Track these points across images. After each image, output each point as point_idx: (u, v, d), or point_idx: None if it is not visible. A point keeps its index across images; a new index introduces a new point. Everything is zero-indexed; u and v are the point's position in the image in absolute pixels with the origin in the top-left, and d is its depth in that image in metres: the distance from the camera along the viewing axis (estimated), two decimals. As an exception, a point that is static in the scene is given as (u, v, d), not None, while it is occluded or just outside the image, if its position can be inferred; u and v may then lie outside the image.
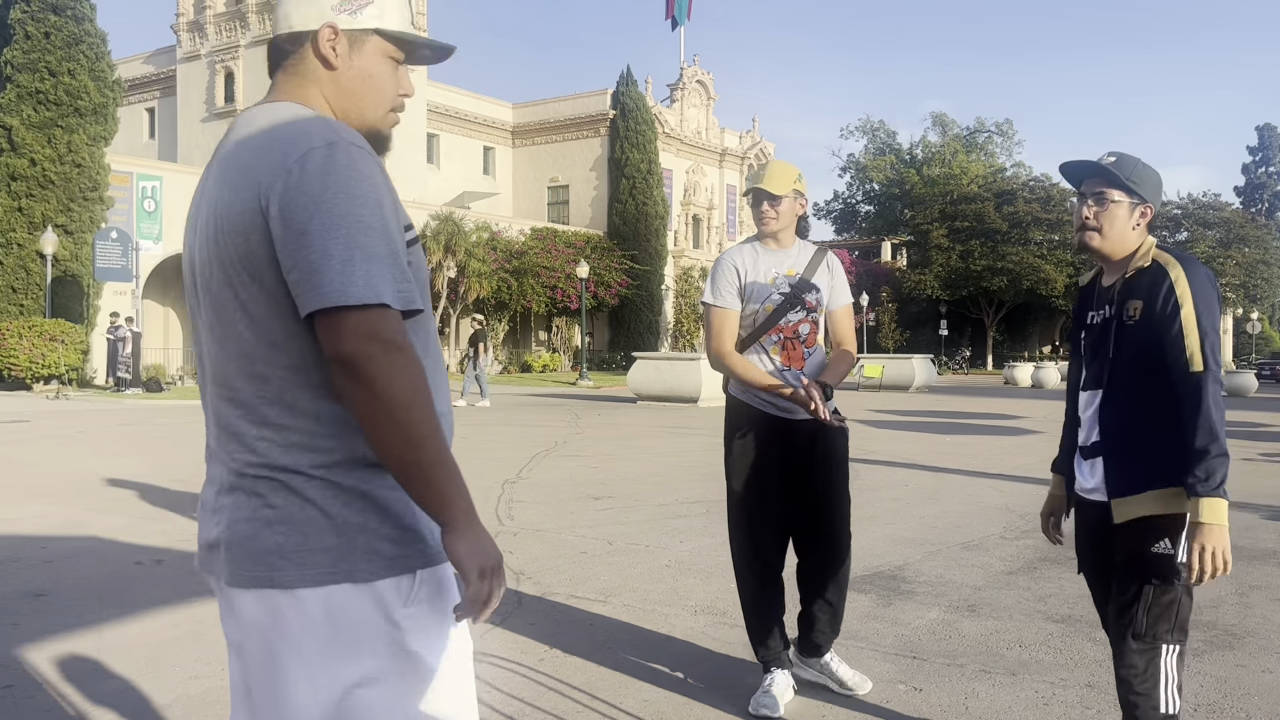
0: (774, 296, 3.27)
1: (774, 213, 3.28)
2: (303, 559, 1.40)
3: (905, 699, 3.39)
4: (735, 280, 3.29)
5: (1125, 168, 2.33)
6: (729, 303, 3.29)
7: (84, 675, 3.54)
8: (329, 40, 1.49)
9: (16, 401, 19.31)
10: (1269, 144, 69.47)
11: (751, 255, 3.34)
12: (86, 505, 7.16)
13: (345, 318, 1.32)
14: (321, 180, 1.35)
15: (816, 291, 3.32)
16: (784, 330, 3.27)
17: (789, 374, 3.23)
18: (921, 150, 66.61)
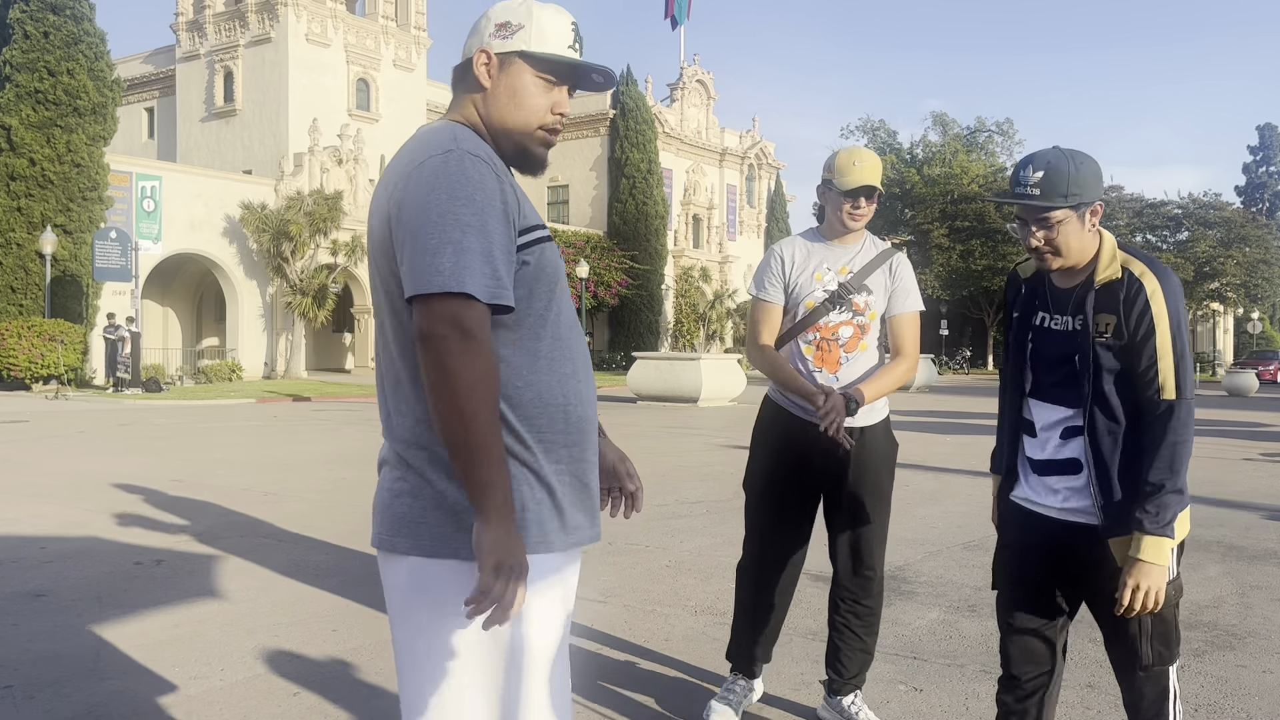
0: (817, 294, 3.03)
1: (868, 210, 3.03)
2: (417, 531, 1.58)
3: (905, 699, 3.39)
4: (781, 273, 3.06)
5: (1059, 182, 2.06)
6: (771, 296, 3.07)
7: (84, 675, 3.53)
8: (482, 63, 1.68)
9: (16, 401, 19.31)
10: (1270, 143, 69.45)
11: (804, 248, 3.10)
12: (86, 505, 7.15)
13: (430, 302, 1.48)
14: (430, 183, 1.53)
15: (869, 294, 3.04)
16: (822, 330, 3.02)
17: (820, 375, 3.01)
18: (922, 150, 66.59)
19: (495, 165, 1.59)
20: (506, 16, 1.69)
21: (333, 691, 3.40)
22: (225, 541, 5.92)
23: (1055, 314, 2.21)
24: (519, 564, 1.51)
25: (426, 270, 1.49)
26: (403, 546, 1.59)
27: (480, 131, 1.69)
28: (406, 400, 1.61)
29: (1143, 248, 54.34)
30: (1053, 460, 2.21)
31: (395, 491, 1.62)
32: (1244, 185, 70.53)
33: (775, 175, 51.98)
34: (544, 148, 1.73)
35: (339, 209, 30.25)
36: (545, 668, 1.63)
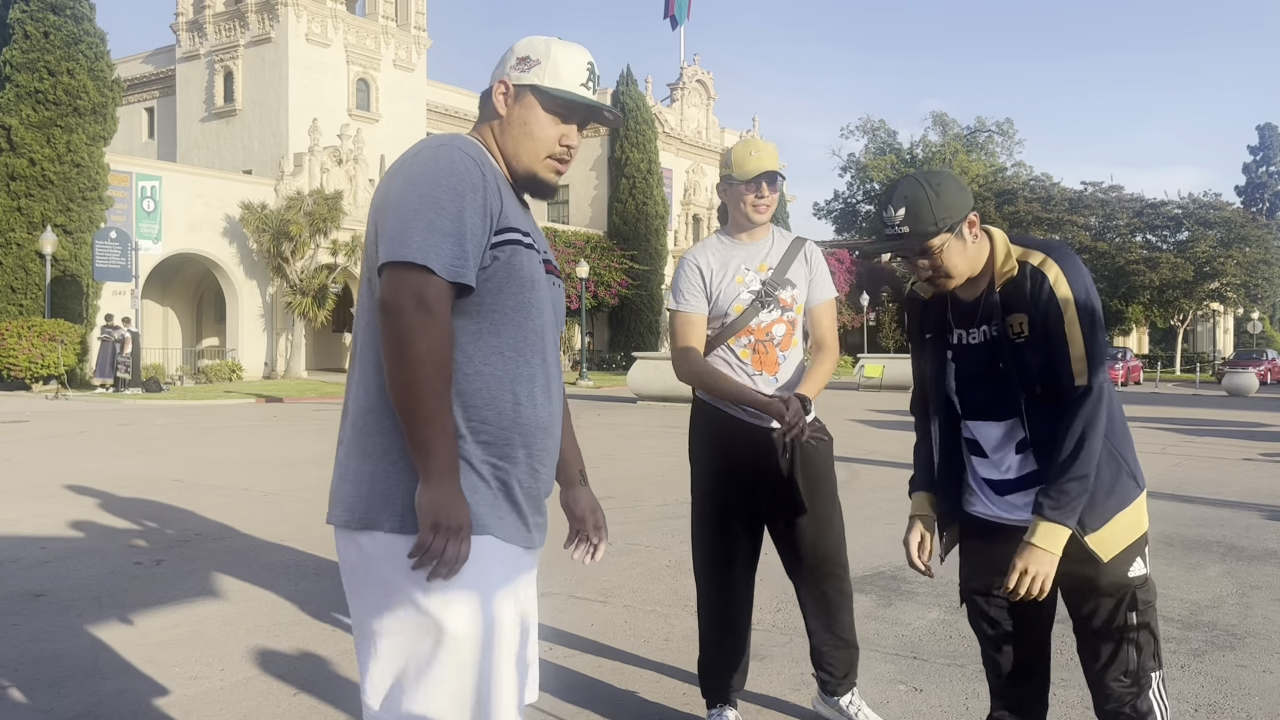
0: (743, 295, 2.93)
1: (773, 199, 2.93)
2: (363, 506, 1.68)
3: (905, 699, 3.39)
4: (701, 281, 2.95)
5: (923, 213, 1.99)
6: (693, 307, 2.94)
7: (84, 675, 3.53)
8: (500, 93, 1.81)
9: (16, 401, 19.31)
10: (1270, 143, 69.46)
11: (718, 251, 2.99)
12: (86, 505, 7.15)
13: (394, 271, 1.60)
14: (419, 168, 1.65)
15: (793, 288, 2.97)
16: (755, 332, 2.93)
17: (761, 379, 2.93)
18: (922, 150, 66.62)
19: (485, 166, 1.70)
20: (528, 51, 1.81)
21: (332, 691, 3.40)
22: (225, 541, 5.92)
23: (970, 327, 2.14)
24: (456, 524, 1.59)
25: (396, 242, 1.60)
26: (336, 518, 1.70)
27: (493, 152, 1.81)
28: (366, 378, 1.71)
29: (1142, 248, 54.29)
30: (1018, 478, 2.14)
31: (344, 468, 1.72)
32: (1244, 185, 70.52)
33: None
34: (553, 174, 1.85)
35: (339, 209, 30.24)
36: (467, 654, 1.63)
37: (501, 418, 1.69)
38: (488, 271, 1.69)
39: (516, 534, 1.73)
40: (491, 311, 1.70)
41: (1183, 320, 55.98)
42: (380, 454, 1.67)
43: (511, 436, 1.70)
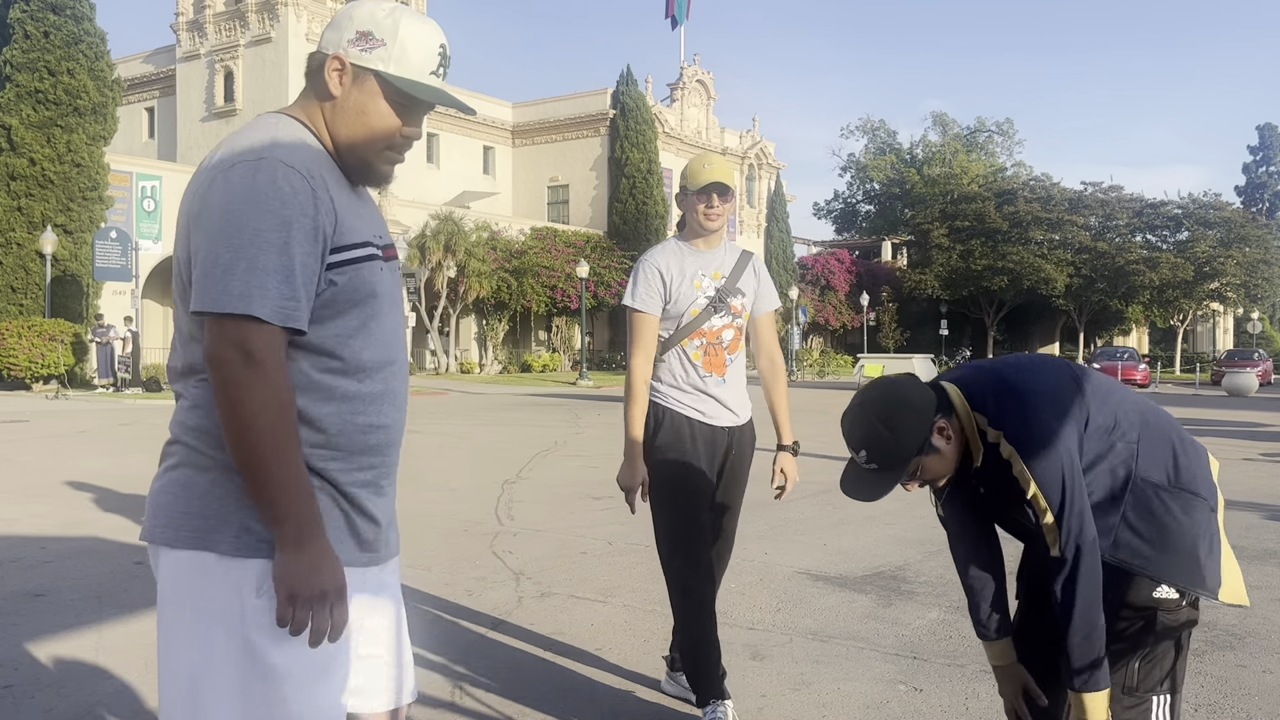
0: (699, 300, 3.08)
1: (723, 209, 3.07)
2: (177, 521, 1.54)
3: (905, 699, 3.39)
4: (659, 283, 3.07)
5: (885, 453, 1.99)
6: (651, 308, 3.07)
7: (84, 675, 3.54)
8: (334, 69, 1.58)
9: (16, 401, 19.31)
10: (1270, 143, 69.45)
11: (677, 256, 3.12)
12: (86, 505, 7.16)
13: (216, 322, 1.43)
14: (234, 193, 1.44)
15: (742, 296, 3.16)
16: (707, 335, 3.10)
17: (710, 380, 3.10)
18: (922, 150, 66.62)
19: (313, 178, 1.50)
20: (370, 25, 1.57)
21: (333, 691, 3.40)
22: (225, 541, 5.92)
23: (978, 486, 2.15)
24: (318, 591, 1.46)
25: (215, 288, 1.42)
26: (160, 537, 1.56)
27: (322, 135, 1.60)
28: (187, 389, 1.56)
29: (1142, 247, 54.16)
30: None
31: (162, 481, 1.59)
32: (1244, 185, 70.50)
33: (775, 175, 51.96)
34: (389, 166, 1.64)
35: (339, 209, 30.22)
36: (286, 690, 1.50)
37: (353, 443, 1.56)
38: (326, 298, 1.52)
39: (352, 557, 1.58)
40: (333, 336, 1.54)
41: (1183, 320, 55.97)
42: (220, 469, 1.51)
43: (360, 459, 1.58)
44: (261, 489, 1.44)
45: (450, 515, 6.90)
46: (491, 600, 4.61)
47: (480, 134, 44.03)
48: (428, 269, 32.71)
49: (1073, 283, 51.09)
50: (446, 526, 6.46)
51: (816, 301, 51.49)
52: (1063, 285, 50.65)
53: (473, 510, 7.11)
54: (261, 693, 1.50)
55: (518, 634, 4.08)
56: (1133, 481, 2.02)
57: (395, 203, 33.24)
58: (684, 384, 3.10)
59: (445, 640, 3.95)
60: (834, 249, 59.24)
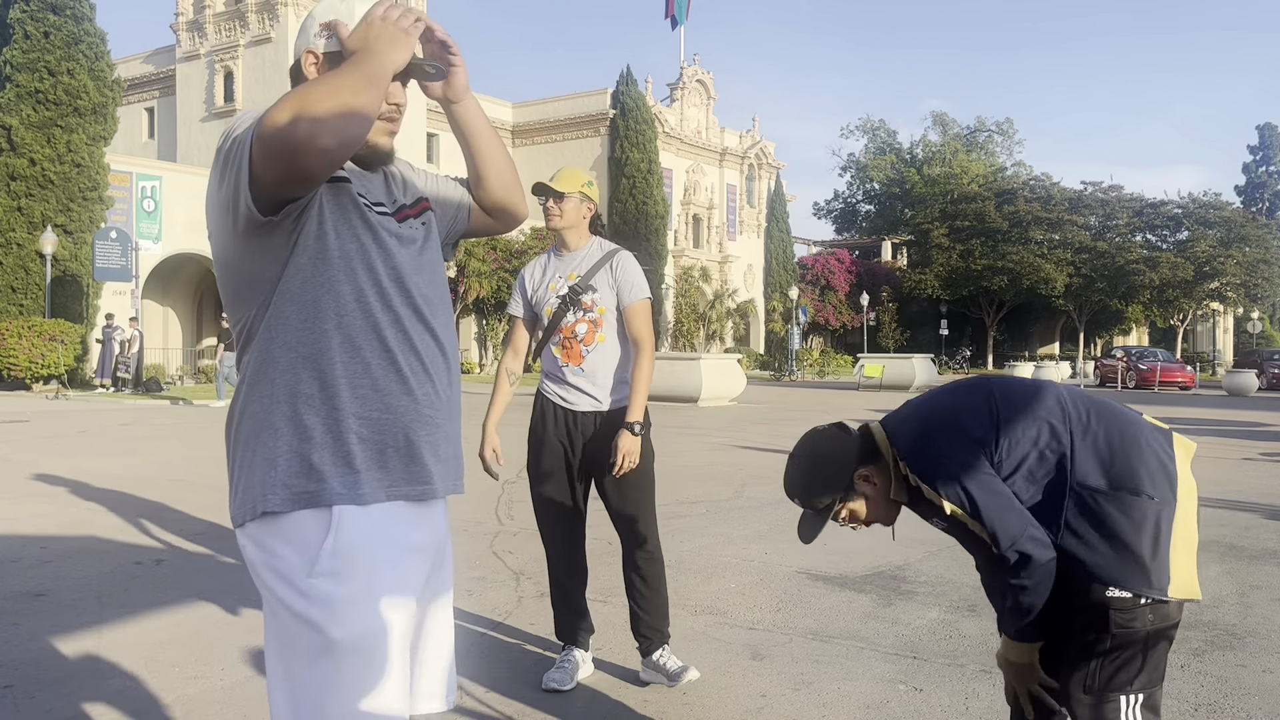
0: (552, 300, 3.50)
1: (557, 210, 3.44)
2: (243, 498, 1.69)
3: (905, 699, 3.39)
4: (524, 291, 3.59)
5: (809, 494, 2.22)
6: (516, 311, 3.63)
7: (84, 675, 3.54)
8: (311, 64, 1.69)
9: (16, 401, 19.31)
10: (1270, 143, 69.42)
11: (541, 264, 3.60)
12: (86, 505, 7.16)
13: None
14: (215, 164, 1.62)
15: (594, 292, 3.47)
16: (564, 331, 3.50)
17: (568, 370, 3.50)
18: (922, 149, 66.65)
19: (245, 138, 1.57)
20: (330, 16, 1.69)
21: (333, 691, 3.40)
22: (226, 541, 5.92)
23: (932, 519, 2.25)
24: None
25: None
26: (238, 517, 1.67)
27: None
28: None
29: (1142, 247, 54.22)
30: None
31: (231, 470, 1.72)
32: (1244, 185, 70.48)
33: (775, 175, 51.96)
34: (387, 136, 1.76)
35: (339, 209, 30.23)
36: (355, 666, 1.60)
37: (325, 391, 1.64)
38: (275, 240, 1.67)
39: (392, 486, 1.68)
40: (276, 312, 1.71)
41: (1183, 320, 55.99)
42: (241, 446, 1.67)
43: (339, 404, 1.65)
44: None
45: (450, 515, 6.89)
46: (491, 600, 4.61)
47: (480, 134, 44.03)
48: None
49: (1073, 282, 51.10)
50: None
51: (816, 301, 51.51)
52: (1063, 285, 50.66)
53: (473, 510, 7.11)
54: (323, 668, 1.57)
55: (517, 634, 4.08)
56: (1069, 486, 2.08)
57: (395, 203, 33.22)
58: (550, 374, 3.58)
59: (445, 640, 3.95)
60: (834, 249, 59.26)
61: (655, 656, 3.48)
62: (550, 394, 3.59)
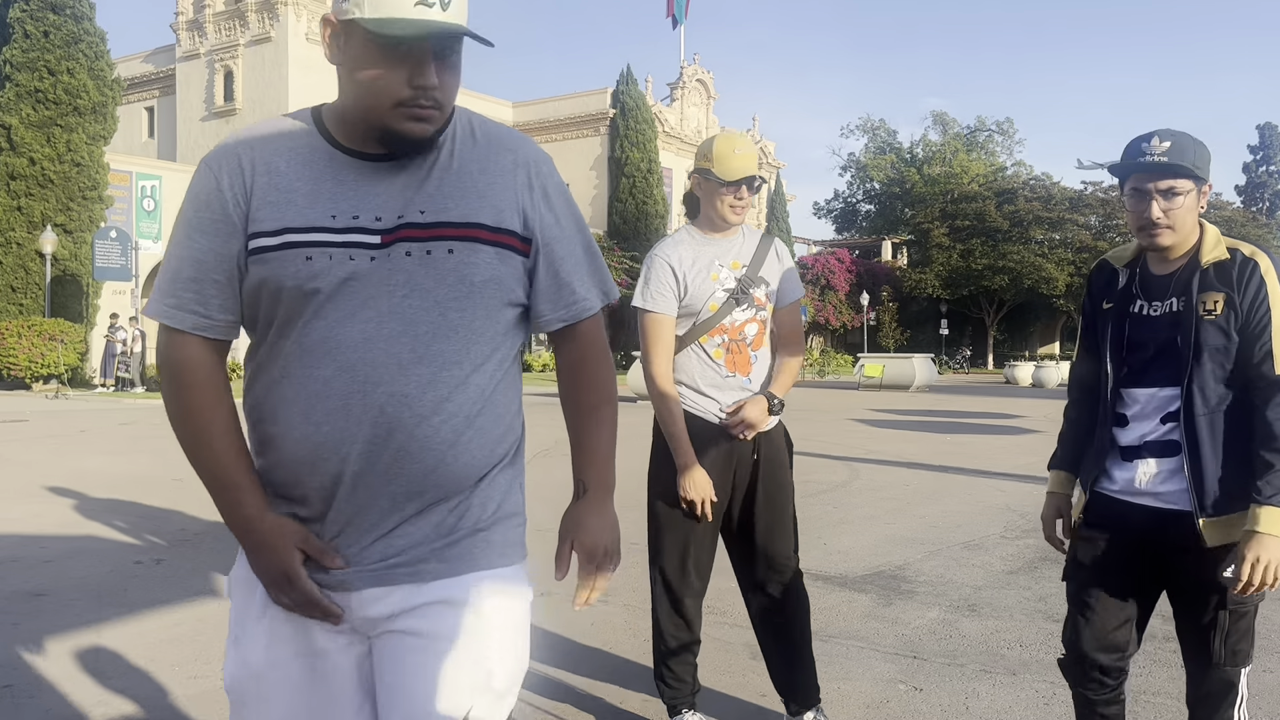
0: (718, 294, 2.83)
1: (751, 200, 2.85)
2: None
3: (905, 699, 3.39)
4: (672, 280, 2.82)
5: (1186, 154, 2.08)
6: (663, 307, 2.82)
7: (84, 675, 3.53)
8: (327, 35, 1.43)
9: (16, 401, 19.31)
10: (1270, 143, 69.40)
11: (690, 248, 2.86)
12: (86, 505, 7.15)
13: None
14: None
15: (767, 286, 2.88)
16: (728, 330, 2.84)
17: (734, 379, 2.85)
18: (922, 149, 66.61)
19: (227, 163, 1.43)
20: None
21: (333, 691, 3.40)
22: (226, 541, 5.92)
23: (1153, 300, 2.20)
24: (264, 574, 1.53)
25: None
26: None
27: (328, 116, 1.51)
28: None
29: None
30: (1147, 443, 2.19)
31: None
32: (1244, 185, 70.48)
33: (775, 175, 51.98)
34: (415, 122, 1.39)
35: (339, 208, 30.23)
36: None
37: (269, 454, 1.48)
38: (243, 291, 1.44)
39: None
40: (258, 339, 1.46)
41: (1183, 320, 56.01)
42: None
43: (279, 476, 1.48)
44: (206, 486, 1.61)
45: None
46: (491, 600, 4.60)
47: (480, 133, 44.03)
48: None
49: (1073, 282, 51.10)
50: (446, 526, 6.45)
51: (816, 301, 51.49)
52: (1063, 284, 50.65)
53: (473, 510, 7.11)
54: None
55: (518, 634, 4.07)
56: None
57: (395, 202, 33.24)
58: (703, 385, 2.84)
59: (445, 640, 3.94)
60: (834, 248, 59.24)
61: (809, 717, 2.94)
62: (697, 409, 2.85)
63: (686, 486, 2.79)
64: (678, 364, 2.87)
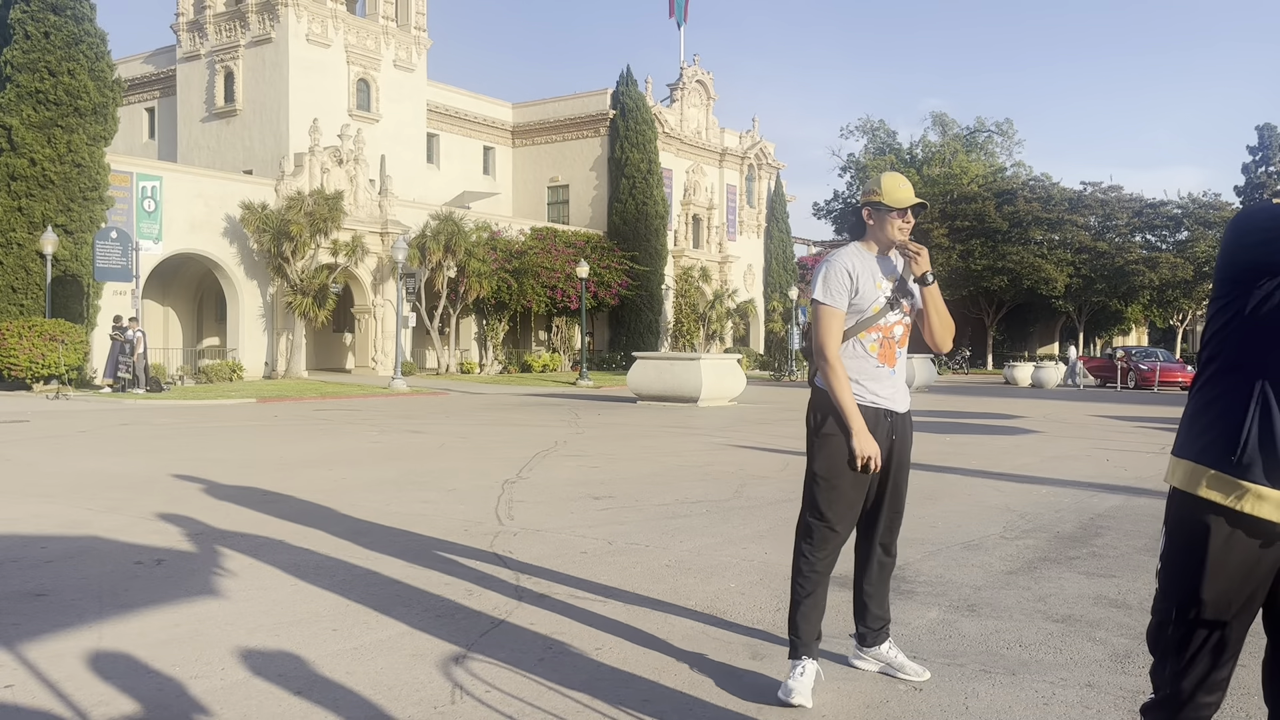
0: (880, 300, 3.53)
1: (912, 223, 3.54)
2: None
3: (905, 699, 3.39)
4: (847, 282, 3.49)
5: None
6: (839, 303, 3.50)
7: (84, 675, 3.54)
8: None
9: (16, 401, 19.31)
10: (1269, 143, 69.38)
11: (861, 260, 3.55)
12: (86, 505, 7.16)
13: None
14: None
15: (912, 297, 3.60)
16: (883, 329, 3.53)
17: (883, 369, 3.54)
18: (921, 150, 66.60)
19: None
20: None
21: (332, 691, 3.41)
22: (225, 541, 5.92)
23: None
24: None
25: None
26: None
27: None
28: None
29: (1141, 247, 54.07)
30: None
31: None
32: (1243, 185, 70.50)
33: (775, 175, 51.95)
34: None
35: (339, 209, 30.22)
36: None
37: None
38: None
39: None
40: None
41: (1182, 320, 55.98)
42: None
43: None
44: None
45: (450, 515, 6.90)
46: (491, 600, 4.61)
47: (480, 134, 44.04)
48: (428, 269, 32.71)
49: (1073, 283, 51.10)
50: (446, 526, 6.46)
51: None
52: (1063, 285, 50.65)
53: (473, 510, 7.11)
54: None
55: (518, 634, 4.08)
56: None
57: (395, 203, 33.25)
58: (858, 374, 3.49)
59: (446, 640, 3.96)
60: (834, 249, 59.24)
61: (885, 649, 3.64)
62: (858, 394, 3.53)
63: (865, 445, 3.40)
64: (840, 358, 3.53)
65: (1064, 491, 8.34)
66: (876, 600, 3.61)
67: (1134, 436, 14.13)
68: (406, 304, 31.17)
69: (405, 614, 4.35)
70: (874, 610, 3.61)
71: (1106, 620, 4.39)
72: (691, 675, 3.61)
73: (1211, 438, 2.05)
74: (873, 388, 3.50)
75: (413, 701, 3.31)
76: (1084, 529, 6.62)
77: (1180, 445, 2.13)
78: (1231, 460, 2.01)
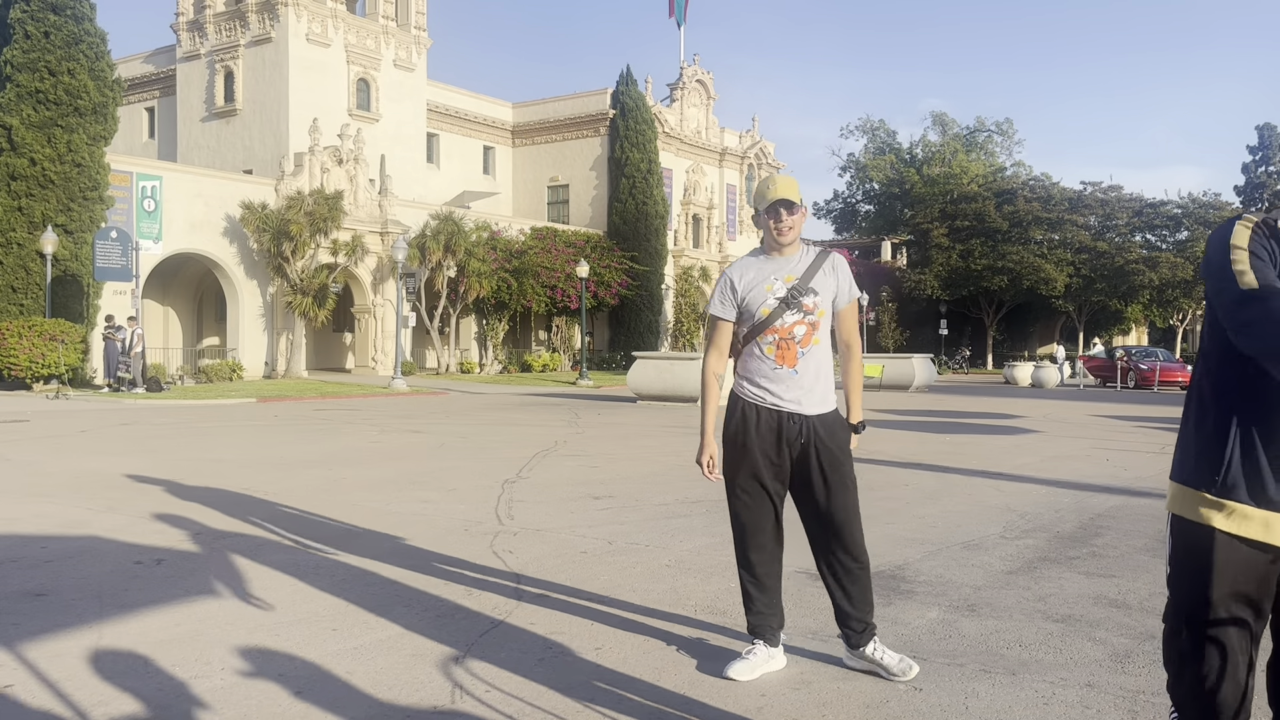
0: (770, 301, 3.49)
1: (791, 222, 3.49)
2: None
3: (905, 699, 3.39)
4: (730, 293, 3.54)
5: None
6: (723, 313, 3.57)
7: (84, 675, 3.54)
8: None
9: (16, 401, 19.31)
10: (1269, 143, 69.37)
11: (753, 266, 3.57)
12: (86, 505, 7.16)
13: None
14: None
15: (815, 295, 3.51)
16: (779, 331, 3.49)
17: (781, 370, 3.51)
18: (921, 149, 66.61)
19: None
20: None
21: (333, 691, 3.41)
22: (225, 541, 5.92)
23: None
24: None
25: None
26: None
27: None
28: None
29: (1141, 247, 54.09)
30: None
31: None
32: (1243, 185, 70.50)
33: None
34: None
35: (339, 209, 30.23)
36: None
37: None
38: None
39: None
40: None
41: (1182, 320, 55.99)
42: None
43: None
44: None
45: (450, 515, 6.90)
46: (491, 600, 4.61)
47: (480, 134, 44.05)
48: (428, 269, 32.71)
49: (1072, 282, 51.10)
50: (446, 526, 6.46)
51: (816, 301, 51.44)
52: (1062, 285, 50.65)
53: (473, 510, 7.11)
54: None
55: (518, 634, 4.08)
56: None
57: (395, 202, 33.25)
58: (756, 375, 3.53)
59: (445, 640, 3.96)
60: (834, 249, 59.23)
61: (869, 650, 3.60)
62: (752, 396, 3.56)
63: (701, 448, 3.58)
64: (742, 360, 3.59)
65: (1064, 491, 8.34)
66: (855, 603, 3.57)
67: (1134, 436, 14.14)
68: (406, 304, 31.17)
69: (405, 614, 4.35)
70: (854, 614, 3.58)
71: (1106, 620, 4.39)
72: (692, 675, 3.61)
73: (1196, 461, 2.09)
74: (772, 389, 3.50)
75: (413, 701, 3.31)
76: (1084, 529, 6.62)
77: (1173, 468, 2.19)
78: (1216, 481, 2.03)
